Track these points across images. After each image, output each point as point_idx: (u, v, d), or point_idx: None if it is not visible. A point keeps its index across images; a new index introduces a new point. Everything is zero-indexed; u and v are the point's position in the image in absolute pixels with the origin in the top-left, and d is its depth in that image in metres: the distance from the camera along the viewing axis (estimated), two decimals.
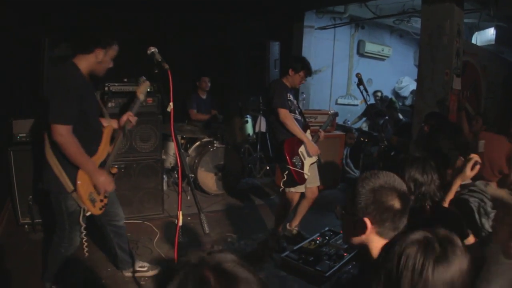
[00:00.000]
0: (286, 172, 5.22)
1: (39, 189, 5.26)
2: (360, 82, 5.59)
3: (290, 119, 5.27)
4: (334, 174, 8.27)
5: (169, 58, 3.37)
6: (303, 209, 5.85)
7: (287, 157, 5.19)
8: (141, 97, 4.31)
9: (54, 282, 4.19)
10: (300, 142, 5.37)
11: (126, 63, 6.75)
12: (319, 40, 10.84)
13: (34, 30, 6.83)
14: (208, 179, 7.60)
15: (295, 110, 5.58)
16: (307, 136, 5.48)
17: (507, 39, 9.74)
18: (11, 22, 6.57)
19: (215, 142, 7.71)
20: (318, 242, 5.42)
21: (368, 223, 2.03)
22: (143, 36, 7.68)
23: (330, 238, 5.49)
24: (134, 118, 4.26)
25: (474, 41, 9.99)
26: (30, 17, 6.94)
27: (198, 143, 7.84)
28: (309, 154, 5.43)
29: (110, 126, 4.12)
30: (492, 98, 8.72)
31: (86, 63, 3.75)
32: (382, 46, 12.31)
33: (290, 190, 5.37)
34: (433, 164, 2.94)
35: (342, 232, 5.05)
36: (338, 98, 12.03)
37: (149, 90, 6.17)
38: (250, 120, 8.65)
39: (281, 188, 5.36)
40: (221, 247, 5.39)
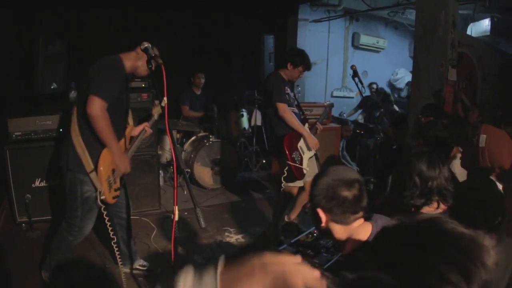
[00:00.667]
0: (286, 168, 5.22)
1: (56, 177, 5.46)
2: (355, 75, 5.59)
3: (289, 113, 5.24)
4: (330, 167, 8.26)
5: (162, 53, 3.37)
6: (302, 201, 5.84)
7: (287, 152, 5.17)
8: (156, 116, 4.68)
9: (52, 275, 4.19)
10: (299, 136, 5.35)
11: None
12: (314, 33, 10.84)
13: (28, 28, 6.80)
14: (204, 174, 7.59)
15: (293, 104, 5.55)
16: (306, 129, 5.47)
17: (502, 30, 9.77)
18: (5, 20, 6.54)
19: (211, 136, 7.70)
20: (315, 234, 5.42)
21: (321, 213, 2.37)
22: (137, 30, 7.69)
23: None
24: (149, 130, 4.57)
25: (469, 32, 10.01)
26: (24, 14, 6.91)
27: (193, 138, 7.83)
28: (308, 148, 5.42)
29: (131, 127, 4.31)
30: (488, 89, 8.73)
31: (129, 60, 3.91)
32: (377, 38, 12.33)
33: (289, 184, 5.36)
34: (441, 156, 2.90)
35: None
36: (334, 91, 12.05)
37: (143, 85, 6.24)
38: (245, 114, 8.63)
39: (282, 183, 5.33)
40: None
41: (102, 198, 3.82)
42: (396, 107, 9.72)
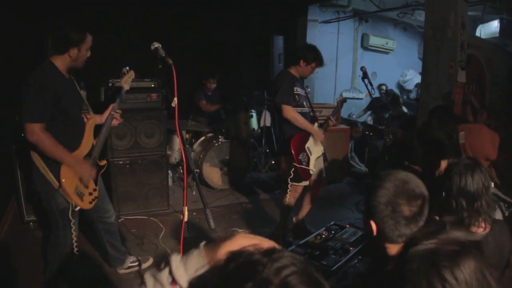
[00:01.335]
0: (293, 169, 5.21)
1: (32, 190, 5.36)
2: (364, 76, 5.57)
3: (292, 114, 5.17)
4: (340, 168, 8.27)
5: (172, 54, 3.37)
6: (309, 201, 5.82)
7: (294, 154, 5.16)
8: (125, 86, 4.39)
9: (57, 277, 4.21)
10: (307, 136, 5.32)
11: (130, 59, 6.75)
12: (323, 34, 10.82)
13: (38, 28, 6.83)
14: (213, 174, 7.60)
15: (303, 103, 5.50)
16: (312, 126, 5.43)
17: (511, 32, 9.71)
18: (14, 20, 6.57)
19: (220, 137, 7.71)
20: (324, 236, 5.40)
21: (373, 226, 2.07)
22: (147, 31, 7.71)
23: (336, 232, 5.46)
24: (117, 113, 4.32)
25: (478, 33, 9.97)
26: (33, 15, 6.93)
27: (203, 138, 7.85)
28: (317, 146, 5.40)
29: (93, 119, 4.13)
30: (496, 91, 8.69)
31: (62, 62, 3.81)
32: (386, 39, 12.30)
33: (293, 184, 5.35)
34: (483, 169, 2.72)
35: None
36: (343, 92, 12.02)
37: (152, 86, 6.19)
38: (254, 114, 8.62)
39: (289, 184, 5.32)
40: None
41: (77, 209, 3.85)
42: (405, 109, 9.71)
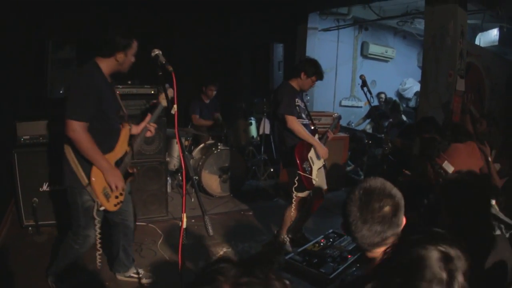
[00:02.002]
0: (297, 177, 5.21)
1: (54, 185, 5.51)
2: (364, 84, 5.60)
3: (297, 125, 5.22)
4: (338, 177, 8.27)
5: (173, 61, 3.38)
6: (308, 211, 5.83)
7: (298, 162, 5.18)
8: (163, 102, 4.37)
9: (58, 279, 4.21)
10: (309, 146, 5.35)
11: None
12: (323, 41, 10.84)
13: (38, 33, 6.85)
14: (212, 181, 7.60)
15: (302, 114, 5.54)
16: (316, 139, 5.46)
17: (511, 40, 9.73)
18: (15, 25, 6.58)
19: (219, 144, 7.71)
20: (322, 244, 5.40)
21: None
22: (147, 38, 7.73)
23: (334, 240, 5.46)
24: (152, 127, 4.41)
25: (477, 42, 9.97)
26: (34, 19, 6.95)
27: (202, 145, 7.85)
28: (318, 158, 5.42)
29: (128, 127, 4.20)
30: (496, 100, 8.70)
31: (107, 65, 3.88)
32: (386, 47, 12.31)
33: (297, 194, 5.36)
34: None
35: None
36: (342, 100, 12.04)
37: (152, 92, 6.20)
38: (254, 122, 8.64)
39: (293, 193, 5.32)
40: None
41: (102, 208, 3.86)
42: (404, 117, 9.71)
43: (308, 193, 5.46)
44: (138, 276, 4.74)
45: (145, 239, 5.74)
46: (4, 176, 5.74)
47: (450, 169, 4.81)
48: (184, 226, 2.97)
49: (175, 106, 3.17)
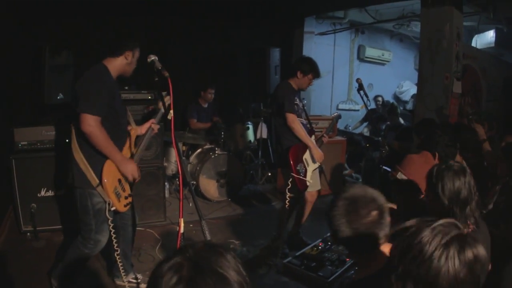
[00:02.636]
0: (290, 179, 5.22)
1: (62, 187, 5.56)
2: (360, 88, 5.61)
3: (297, 124, 5.27)
4: (336, 180, 8.27)
5: (169, 65, 3.39)
6: (304, 212, 5.83)
7: (292, 164, 5.19)
8: (162, 109, 4.47)
9: (60, 283, 4.20)
10: (305, 148, 5.37)
11: None
12: (320, 45, 10.86)
13: (35, 38, 6.85)
14: (209, 186, 7.60)
15: (301, 114, 5.57)
16: (313, 141, 5.48)
17: (507, 42, 9.75)
18: (12, 30, 6.59)
19: (217, 149, 7.71)
20: (320, 247, 5.42)
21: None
22: (144, 43, 7.72)
23: (332, 244, 5.48)
24: (156, 126, 4.51)
25: (474, 44, 10.00)
26: (30, 24, 6.96)
27: (199, 150, 7.84)
28: (313, 160, 5.43)
29: (135, 130, 4.30)
30: (492, 101, 8.72)
31: (115, 65, 3.94)
32: (382, 50, 12.33)
33: (291, 195, 5.36)
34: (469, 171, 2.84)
35: None
36: (339, 104, 12.05)
37: (149, 97, 6.22)
38: (251, 126, 8.64)
39: (287, 195, 5.33)
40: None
41: (113, 209, 3.86)
42: (401, 120, 9.72)
43: (302, 194, 5.47)
44: (137, 281, 4.73)
45: (143, 244, 5.73)
46: (2, 182, 5.75)
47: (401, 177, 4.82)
48: (181, 231, 2.98)
49: (172, 112, 3.18)
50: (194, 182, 7.33)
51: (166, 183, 6.97)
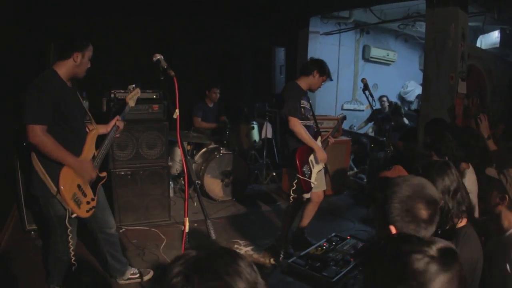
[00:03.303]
0: (296, 180, 5.21)
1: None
2: (365, 88, 5.60)
3: (299, 127, 5.22)
4: (341, 180, 8.26)
5: (174, 65, 3.38)
6: (309, 213, 5.82)
7: (298, 165, 5.17)
8: (130, 103, 4.49)
9: (60, 284, 4.21)
10: (310, 149, 5.34)
11: (132, 70, 6.78)
12: (324, 45, 10.84)
13: (41, 37, 6.85)
14: (214, 186, 7.61)
15: (308, 116, 5.55)
16: (318, 143, 5.47)
17: None
18: (17, 28, 6.60)
19: (222, 148, 7.73)
20: (324, 247, 5.41)
21: (393, 231, 2.13)
22: (149, 42, 7.73)
23: (336, 244, 5.47)
24: (121, 123, 4.38)
25: (478, 44, 9.97)
26: (36, 22, 6.96)
27: (204, 150, 7.85)
28: (317, 161, 5.42)
29: (95, 130, 4.15)
30: (498, 102, 8.69)
31: (65, 68, 3.83)
32: (387, 50, 12.30)
33: (295, 196, 5.35)
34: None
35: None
36: (344, 104, 12.04)
37: (154, 97, 6.20)
38: (256, 126, 8.64)
39: (291, 196, 5.32)
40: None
41: (74, 216, 3.82)
42: (406, 120, 9.70)
43: (306, 195, 5.45)
44: (137, 275, 4.76)
45: (147, 244, 5.73)
46: (6, 181, 5.75)
47: None
48: (186, 230, 2.98)
49: (177, 111, 3.17)
50: (199, 182, 7.34)
51: (170, 183, 6.98)
